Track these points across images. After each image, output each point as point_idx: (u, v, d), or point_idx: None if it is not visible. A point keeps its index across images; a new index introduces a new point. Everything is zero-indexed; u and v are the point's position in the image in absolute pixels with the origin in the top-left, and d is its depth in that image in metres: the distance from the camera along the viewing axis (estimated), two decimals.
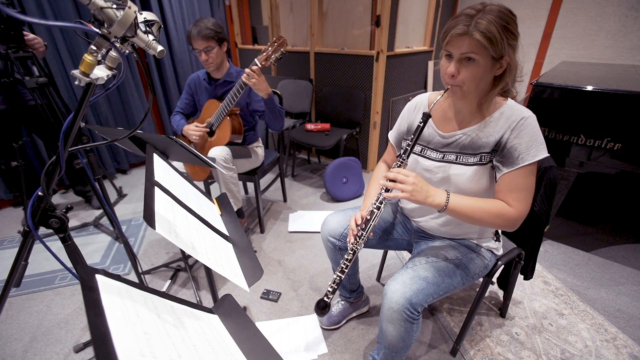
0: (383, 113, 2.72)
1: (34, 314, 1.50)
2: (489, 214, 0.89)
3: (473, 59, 0.80)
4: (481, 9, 0.78)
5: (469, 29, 0.77)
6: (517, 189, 0.88)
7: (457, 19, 0.80)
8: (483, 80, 0.84)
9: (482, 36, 0.76)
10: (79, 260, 0.75)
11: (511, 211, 0.89)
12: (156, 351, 0.41)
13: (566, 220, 2.12)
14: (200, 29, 1.55)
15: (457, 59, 0.82)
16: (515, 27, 0.80)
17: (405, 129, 1.10)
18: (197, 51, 1.61)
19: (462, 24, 0.78)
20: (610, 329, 1.37)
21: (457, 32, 0.78)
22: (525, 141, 0.85)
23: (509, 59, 0.81)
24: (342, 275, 0.99)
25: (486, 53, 0.79)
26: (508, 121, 0.88)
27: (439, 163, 0.98)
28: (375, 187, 1.14)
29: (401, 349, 0.97)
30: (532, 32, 3.13)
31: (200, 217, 0.81)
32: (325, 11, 2.84)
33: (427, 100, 1.06)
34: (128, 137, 0.77)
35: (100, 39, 0.55)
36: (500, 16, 0.77)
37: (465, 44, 0.79)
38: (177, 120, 1.83)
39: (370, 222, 0.95)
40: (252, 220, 2.23)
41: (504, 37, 0.77)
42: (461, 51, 0.80)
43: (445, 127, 0.98)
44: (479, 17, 0.77)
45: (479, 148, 0.92)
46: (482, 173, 0.93)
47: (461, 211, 0.89)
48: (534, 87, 1.66)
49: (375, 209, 0.94)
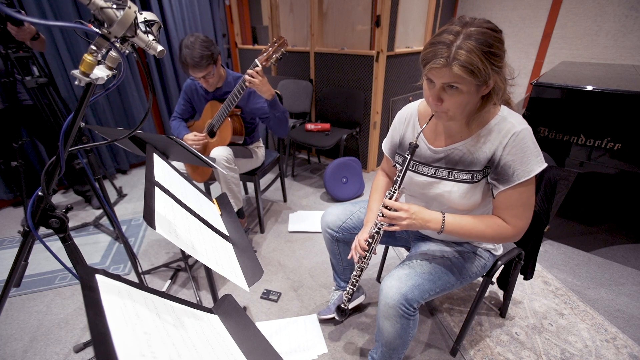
0: (383, 113, 2.72)
1: (34, 314, 1.50)
2: (485, 232, 0.90)
3: (456, 87, 0.76)
4: (460, 30, 0.73)
5: (448, 60, 0.72)
6: (513, 205, 0.88)
7: (435, 47, 0.74)
8: (469, 104, 0.81)
9: (463, 70, 0.71)
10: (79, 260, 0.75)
11: (508, 228, 0.90)
12: (156, 351, 0.41)
13: (566, 220, 2.12)
14: (195, 59, 1.47)
15: (439, 87, 0.79)
16: (501, 46, 0.74)
17: (397, 142, 1.09)
18: (196, 78, 1.58)
19: (440, 57, 0.73)
20: (610, 329, 1.37)
21: (436, 66, 0.74)
22: (519, 157, 0.83)
23: (494, 81, 0.77)
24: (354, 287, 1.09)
25: (470, 82, 0.74)
26: (499, 136, 0.85)
27: (431, 179, 0.98)
28: (377, 200, 1.16)
29: (398, 346, 0.97)
30: (532, 32, 3.12)
31: (200, 217, 0.81)
32: (325, 11, 2.84)
33: (417, 111, 1.03)
34: (128, 137, 0.77)
35: (100, 39, 0.55)
36: (482, 41, 0.71)
37: (447, 75, 0.74)
38: (177, 127, 1.81)
39: (372, 244, 1.00)
40: (252, 220, 2.23)
41: (487, 65, 0.72)
42: (442, 81, 0.77)
43: (436, 142, 0.97)
44: (458, 46, 0.71)
45: (471, 165, 0.91)
46: (474, 190, 0.92)
47: (458, 232, 0.91)
48: (534, 87, 1.66)
49: (375, 233, 0.98)
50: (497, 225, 0.91)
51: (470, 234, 0.91)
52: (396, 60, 2.65)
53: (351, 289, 1.09)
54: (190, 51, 1.48)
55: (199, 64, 1.49)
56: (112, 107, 2.79)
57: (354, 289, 1.10)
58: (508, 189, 0.86)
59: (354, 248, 1.07)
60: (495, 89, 0.79)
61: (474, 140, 0.89)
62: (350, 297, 1.13)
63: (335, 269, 1.41)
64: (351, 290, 1.11)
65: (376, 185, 1.21)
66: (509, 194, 0.87)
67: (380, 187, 1.20)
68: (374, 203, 1.16)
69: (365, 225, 1.13)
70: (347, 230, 1.24)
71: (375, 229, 0.98)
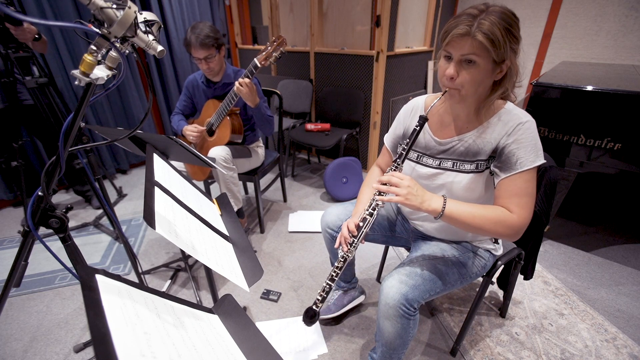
0: (383, 113, 2.72)
1: (34, 314, 1.50)
2: (488, 221, 0.85)
3: (474, 62, 0.78)
4: (484, 9, 0.76)
5: (472, 29, 0.75)
6: (518, 194, 0.86)
7: (459, 19, 0.77)
8: (482, 84, 0.82)
9: (485, 38, 0.74)
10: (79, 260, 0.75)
11: (512, 217, 0.85)
12: (156, 351, 0.41)
13: (566, 220, 2.12)
14: (200, 37, 1.52)
15: (457, 61, 0.80)
16: (518, 30, 0.78)
17: (401, 133, 1.09)
18: (198, 59, 1.60)
19: (464, 24, 0.75)
20: (610, 329, 1.37)
21: (459, 32, 0.76)
22: (524, 146, 0.84)
23: (510, 63, 0.79)
24: (332, 283, 0.98)
25: (488, 55, 0.76)
26: (505, 127, 0.86)
27: (435, 170, 0.98)
28: (368, 192, 1.12)
29: (398, 346, 0.97)
30: (532, 32, 3.13)
31: (200, 217, 0.81)
32: (325, 11, 2.84)
33: (424, 104, 1.04)
34: (128, 137, 0.77)
35: (100, 39, 0.55)
36: (504, 18, 0.75)
37: (467, 45, 0.76)
38: (177, 120, 1.83)
39: (363, 228, 0.93)
40: (252, 220, 2.23)
41: (506, 40, 0.75)
42: (462, 52, 0.78)
43: (442, 134, 0.97)
44: (482, 18, 0.74)
45: (476, 155, 0.91)
46: (478, 180, 0.92)
47: (459, 218, 0.85)
48: (534, 87, 1.66)
49: (368, 215, 0.92)
50: (502, 212, 0.86)
51: (472, 220, 0.85)
52: (396, 60, 2.65)
53: (328, 284, 0.98)
54: (197, 30, 1.54)
55: (203, 41, 1.53)
56: (112, 107, 2.79)
57: (332, 285, 0.98)
58: (511, 175, 0.85)
59: (340, 235, 0.99)
60: (507, 74, 0.81)
61: (479, 131, 0.90)
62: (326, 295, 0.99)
63: None
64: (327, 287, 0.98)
65: (369, 180, 1.17)
66: (513, 181, 0.85)
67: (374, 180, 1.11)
68: (364, 196, 1.11)
69: (354, 216, 1.06)
70: None
71: (370, 210, 0.92)
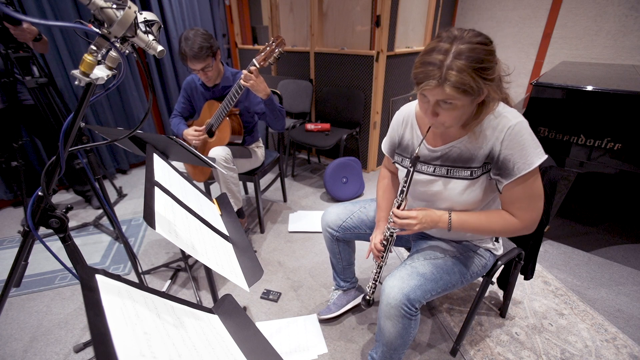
0: (383, 113, 2.72)
1: (34, 314, 1.50)
2: (494, 227, 0.92)
3: (450, 102, 0.77)
4: (449, 48, 0.73)
5: (440, 81, 0.73)
6: (518, 199, 0.88)
7: (426, 68, 0.75)
8: (465, 114, 0.83)
9: (455, 90, 0.73)
10: (79, 260, 0.75)
11: (515, 222, 0.90)
12: (156, 351, 0.41)
13: (566, 220, 2.12)
14: (194, 50, 1.48)
15: (434, 103, 0.80)
16: (492, 58, 0.75)
17: (397, 142, 1.10)
18: (195, 70, 1.58)
19: (431, 78, 0.74)
20: (610, 329, 1.37)
21: (429, 87, 0.75)
22: (518, 150, 0.83)
23: (488, 89, 0.78)
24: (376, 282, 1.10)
25: (463, 97, 0.76)
26: (495, 132, 0.85)
27: (430, 177, 0.99)
28: (384, 198, 1.20)
29: (399, 346, 0.97)
30: (532, 32, 3.12)
31: (200, 217, 0.81)
32: (325, 11, 2.84)
33: (415, 112, 1.04)
34: (128, 137, 0.77)
35: (100, 39, 0.55)
36: (472, 58, 0.72)
37: (440, 94, 0.76)
38: (177, 123, 1.82)
39: (388, 245, 1.04)
40: (252, 220, 2.23)
41: (479, 80, 0.73)
42: (437, 98, 0.78)
43: (434, 142, 0.98)
44: (449, 66, 0.72)
45: (469, 161, 0.91)
46: (474, 187, 0.93)
47: (465, 229, 0.94)
48: (534, 87, 1.66)
49: (389, 236, 1.03)
50: (505, 218, 0.91)
51: (477, 229, 0.93)
52: (396, 60, 2.65)
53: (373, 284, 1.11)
54: (190, 42, 1.50)
55: (197, 54, 1.50)
56: (112, 107, 2.79)
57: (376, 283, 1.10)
58: (511, 182, 0.86)
59: (370, 250, 1.12)
60: (490, 96, 0.81)
61: (470, 138, 0.90)
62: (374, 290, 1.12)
63: (335, 268, 1.41)
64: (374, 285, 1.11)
65: (382, 184, 1.23)
66: (513, 188, 0.87)
67: (387, 184, 1.23)
68: (383, 201, 1.19)
69: (377, 224, 1.17)
70: (347, 229, 1.25)
71: (388, 233, 1.02)
